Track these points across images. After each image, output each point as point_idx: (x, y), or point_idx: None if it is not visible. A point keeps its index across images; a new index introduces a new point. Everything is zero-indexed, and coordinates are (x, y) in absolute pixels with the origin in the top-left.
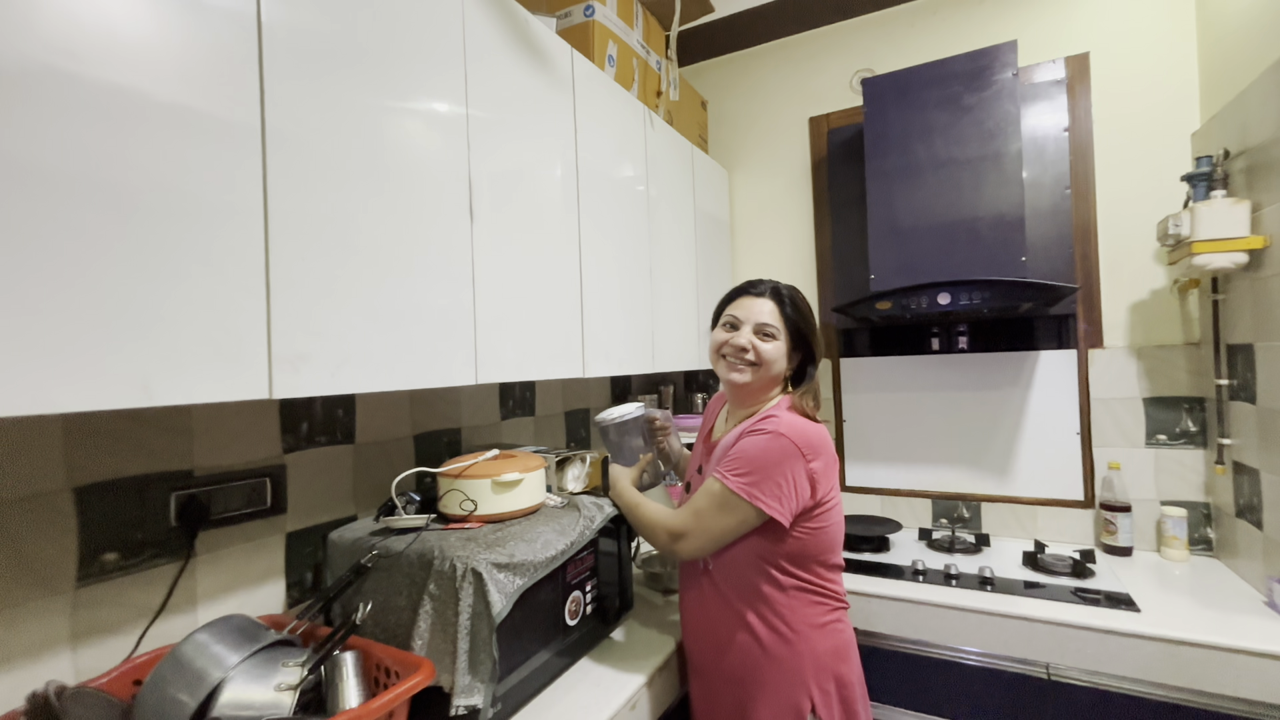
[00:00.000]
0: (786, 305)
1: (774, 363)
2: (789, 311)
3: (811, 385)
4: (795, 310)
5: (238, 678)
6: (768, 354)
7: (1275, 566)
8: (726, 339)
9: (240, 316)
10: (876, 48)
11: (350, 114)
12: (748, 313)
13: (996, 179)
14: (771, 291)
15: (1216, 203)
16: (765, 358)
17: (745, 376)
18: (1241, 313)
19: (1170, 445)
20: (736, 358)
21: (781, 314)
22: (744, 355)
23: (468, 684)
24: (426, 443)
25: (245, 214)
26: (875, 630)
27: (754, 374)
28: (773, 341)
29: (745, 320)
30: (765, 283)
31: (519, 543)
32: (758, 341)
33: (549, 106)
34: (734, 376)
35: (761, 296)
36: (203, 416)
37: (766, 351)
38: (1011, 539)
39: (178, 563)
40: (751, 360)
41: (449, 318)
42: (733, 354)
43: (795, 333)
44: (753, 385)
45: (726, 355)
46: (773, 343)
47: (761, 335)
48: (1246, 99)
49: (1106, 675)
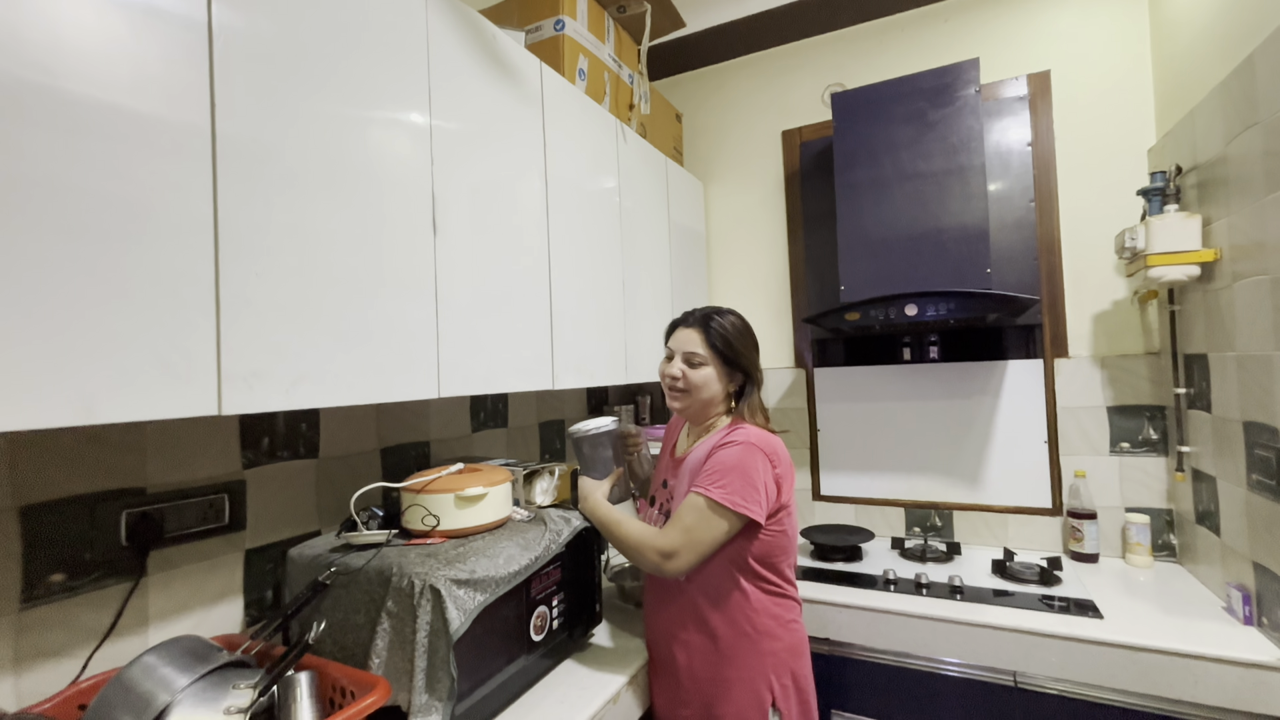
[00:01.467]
0: (713, 334)
1: (703, 387)
2: (714, 340)
3: (753, 404)
4: (721, 337)
5: (185, 701)
6: (695, 380)
7: (1232, 572)
8: (664, 369)
9: (189, 334)
10: (847, 63)
11: (308, 125)
12: (678, 343)
13: (961, 192)
14: (698, 321)
15: (1169, 217)
16: (693, 383)
17: (679, 403)
18: (1196, 323)
19: (1133, 453)
20: (672, 385)
21: (707, 341)
22: (676, 384)
23: (425, 703)
24: (394, 456)
25: (194, 228)
26: (847, 640)
27: (686, 400)
28: (702, 368)
29: (676, 350)
30: (695, 313)
31: (480, 558)
32: (687, 369)
33: (517, 119)
34: (671, 403)
35: (690, 328)
36: (156, 433)
37: (695, 379)
38: (982, 546)
39: (128, 583)
40: (682, 388)
41: (410, 331)
42: (670, 383)
43: (722, 358)
44: (691, 408)
45: (666, 384)
46: (702, 369)
47: (689, 364)
48: (1195, 117)
49: (1071, 682)
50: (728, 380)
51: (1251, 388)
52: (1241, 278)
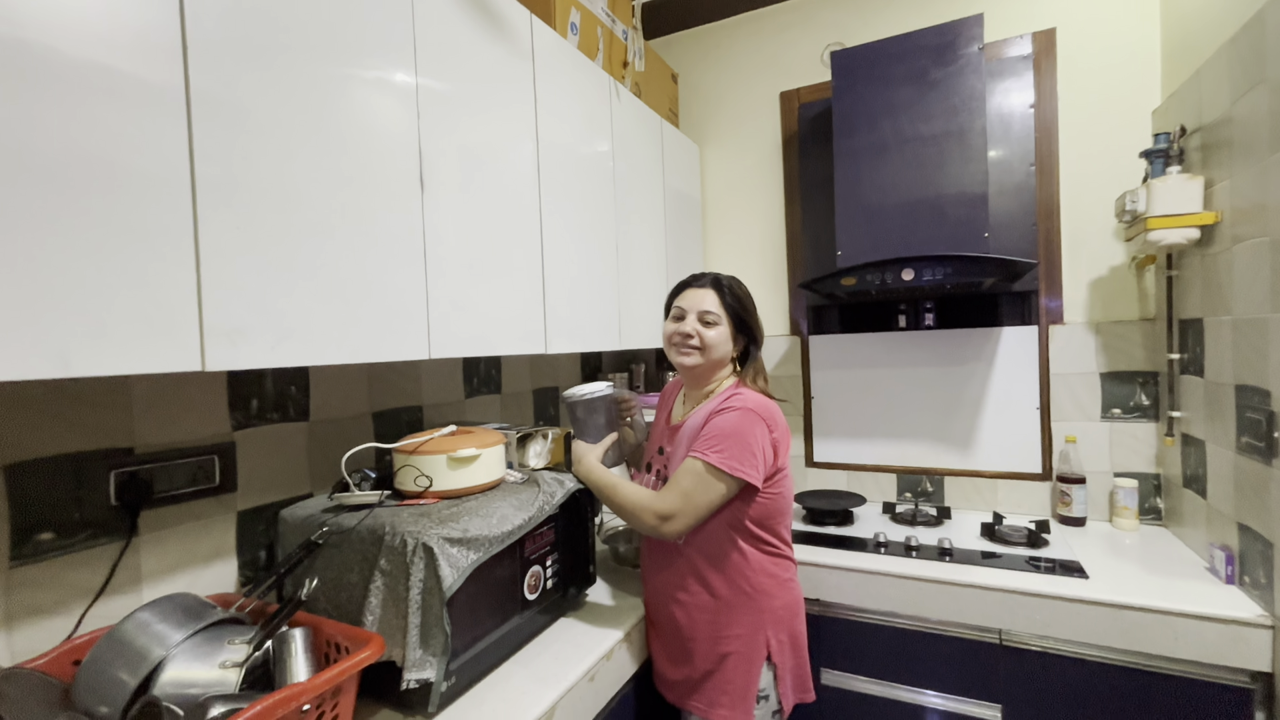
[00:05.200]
0: (726, 294)
1: (717, 346)
2: (729, 299)
3: (757, 365)
4: (734, 298)
5: (180, 656)
6: (711, 339)
7: (1216, 533)
8: (675, 328)
9: (170, 288)
10: (848, 21)
11: (286, 79)
12: (691, 303)
13: (961, 155)
14: (712, 282)
15: (1171, 179)
16: (709, 342)
17: (693, 359)
18: (1193, 288)
19: (1124, 419)
20: (683, 344)
21: (722, 302)
22: (689, 341)
23: (419, 658)
24: (386, 421)
25: (170, 182)
26: (838, 601)
27: (701, 357)
28: (715, 327)
29: (689, 310)
30: (707, 275)
31: (474, 518)
32: (701, 328)
33: (507, 74)
34: (683, 360)
35: (704, 287)
36: (144, 392)
37: (710, 337)
38: (972, 511)
39: (119, 542)
40: (696, 345)
41: (399, 290)
42: (680, 341)
43: (736, 318)
44: (701, 367)
45: (676, 343)
46: (715, 328)
47: (704, 322)
48: (1202, 76)
49: (1055, 639)
50: (735, 341)
51: (1246, 351)
52: (1241, 240)
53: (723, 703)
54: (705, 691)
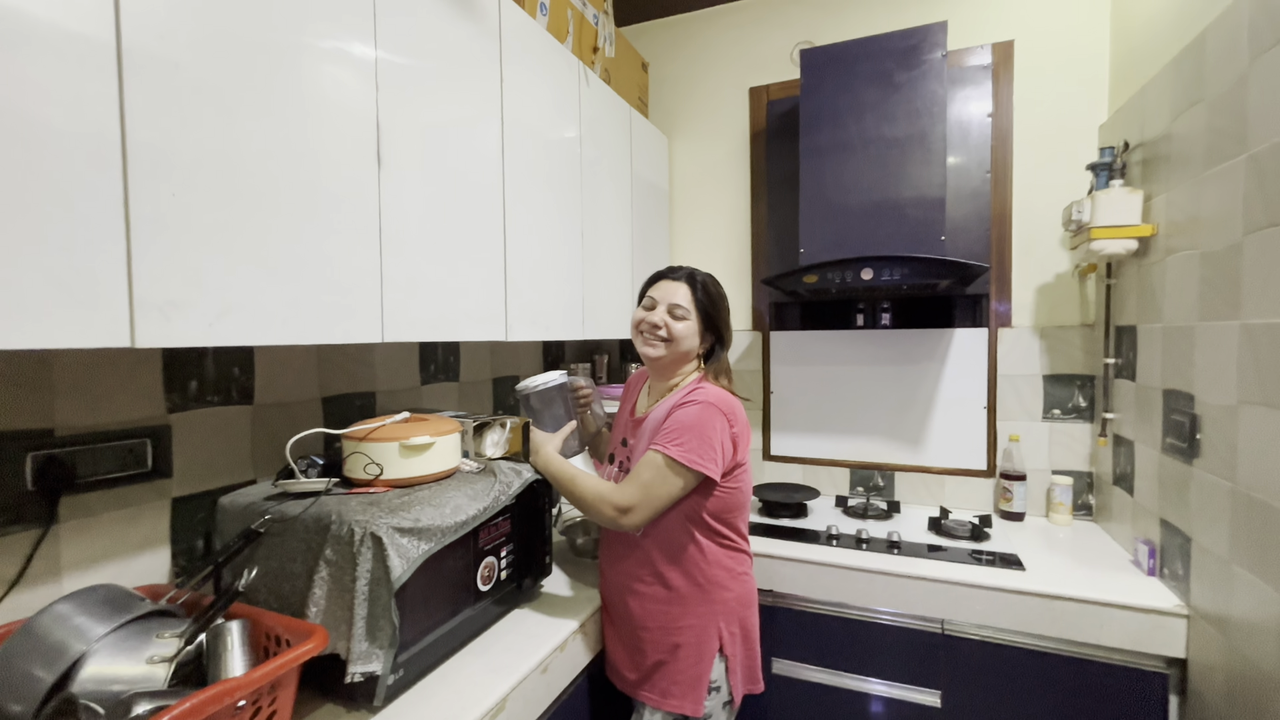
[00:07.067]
0: (699, 291)
1: (683, 339)
2: (700, 296)
3: (721, 364)
4: (706, 295)
5: (103, 650)
6: (678, 331)
7: (1141, 529)
8: (644, 317)
9: (95, 257)
10: (819, 19)
11: (232, 40)
12: (663, 294)
13: (922, 159)
14: (687, 277)
15: (1114, 191)
16: (675, 334)
17: (658, 350)
18: (1129, 296)
19: (1063, 419)
20: (651, 334)
21: (694, 297)
22: (657, 331)
23: (365, 650)
24: (337, 406)
25: (97, 142)
26: (790, 592)
27: (666, 349)
28: (683, 321)
29: (660, 301)
30: (683, 269)
31: (426, 508)
32: (670, 320)
33: (472, 51)
34: (648, 350)
35: (677, 281)
36: (66, 371)
37: (676, 329)
38: (920, 505)
39: (36, 530)
40: (664, 336)
41: (353, 268)
42: (648, 330)
43: (705, 315)
44: (666, 359)
45: (644, 331)
46: (683, 322)
47: (673, 315)
48: (1146, 94)
49: (993, 629)
50: (702, 338)
51: (1174, 356)
52: (1174, 252)
53: (674, 693)
54: (657, 682)
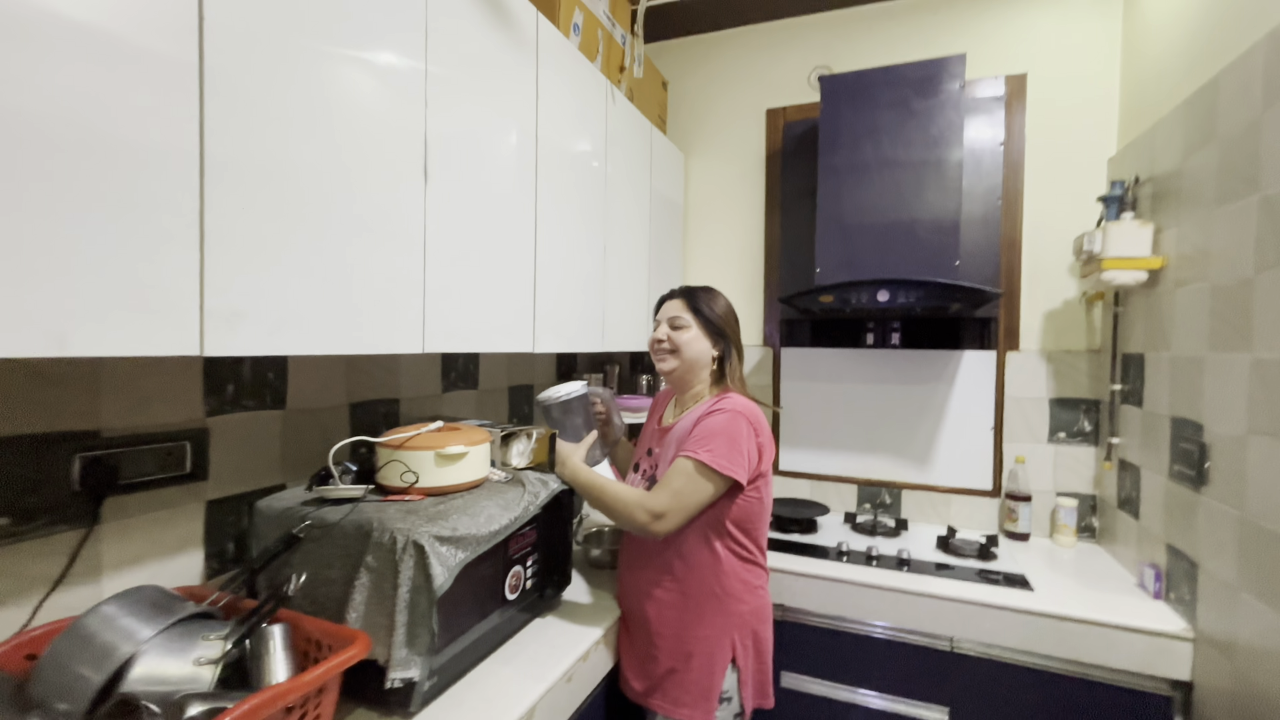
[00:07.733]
0: (691, 299)
1: (688, 345)
2: (694, 303)
3: (732, 366)
4: (699, 302)
5: (151, 652)
6: (681, 340)
7: (1146, 553)
8: (653, 336)
9: (172, 268)
10: (835, 45)
11: (298, 59)
12: (664, 313)
13: (937, 184)
14: (681, 292)
15: (1125, 224)
16: (679, 343)
17: (669, 364)
18: (1136, 325)
19: (1068, 442)
20: (658, 349)
21: (688, 306)
22: (662, 345)
23: (404, 657)
24: (363, 412)
25: (179, 158)
26: (800, 606)
27: (675, 360)
28: (684, 330)
29: (662, 319)
30: (679, 288)
31: (462, 516)
32: (671, 332)
33: (512, 69)
34: (660, 366)
35: (675, 298)
36: (112, 374)
37: (678, 339)
38: (927, 524)
39: (80, 530)
40: (669, 349)
41: (398, 281)
42: (656, 346)
43: (704, 320)
44: (679, 369)
45: (654, 349)
46: (684, 331)
47: (674, 326)
48: (1156, 132)
49: (1001, 648)
50: (711, 343)
51: (1182, 386)
52: (1184, 284)
53: (686, 701)
54: (669, 690)
